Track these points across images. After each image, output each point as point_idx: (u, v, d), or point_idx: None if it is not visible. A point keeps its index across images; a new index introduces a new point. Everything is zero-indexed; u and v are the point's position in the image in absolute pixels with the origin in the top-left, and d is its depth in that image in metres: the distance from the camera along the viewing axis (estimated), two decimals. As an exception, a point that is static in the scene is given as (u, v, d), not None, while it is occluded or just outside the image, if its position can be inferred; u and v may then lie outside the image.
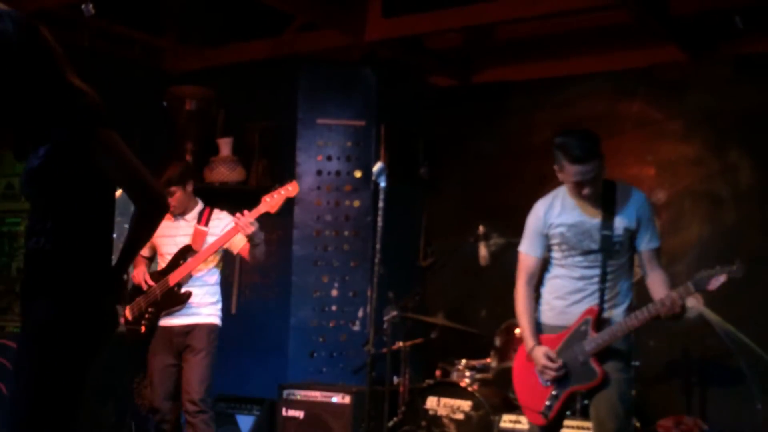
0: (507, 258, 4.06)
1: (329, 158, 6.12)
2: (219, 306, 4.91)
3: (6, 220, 6.13)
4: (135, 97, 5.77)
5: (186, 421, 4.71)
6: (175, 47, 6.40)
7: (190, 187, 4.89)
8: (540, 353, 3.71)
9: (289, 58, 6.14)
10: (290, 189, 4.70)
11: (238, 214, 4.59)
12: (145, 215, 2.73)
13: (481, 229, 5.45)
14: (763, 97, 5.46)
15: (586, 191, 3.64)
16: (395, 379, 5.46)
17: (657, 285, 3.70)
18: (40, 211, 2.65)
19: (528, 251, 3.86)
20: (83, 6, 4.54)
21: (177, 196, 4.82)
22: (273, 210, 4.68)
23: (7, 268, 6.43)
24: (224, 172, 6.02)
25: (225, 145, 6.23)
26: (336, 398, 5.44)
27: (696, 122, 5.75)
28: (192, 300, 4.77)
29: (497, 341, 5.27)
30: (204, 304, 4.83)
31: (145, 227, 2.76)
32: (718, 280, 3.48)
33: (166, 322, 4.82)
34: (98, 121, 2.64)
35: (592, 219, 3.70)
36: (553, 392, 3.71)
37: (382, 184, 3.87)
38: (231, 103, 6.38)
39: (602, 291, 3.68)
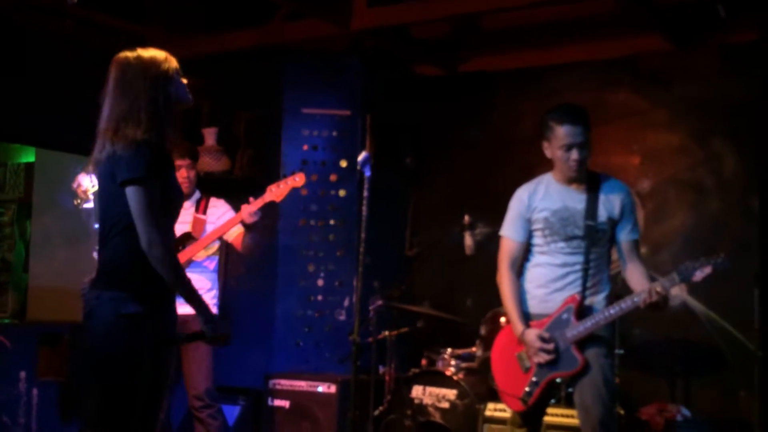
0: (492, 247, 4.05)
1: (315, 148, 6.11)
2: (214, 293, 4.92)
3: (-10, 210, 6.06)
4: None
5: (194, 416, 4.71)
6: (160, 36, 6.33)
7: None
8: (533, 335, 3.68)
9: (274, 48, 6.11)
10: (297, 180, 4.69)
11: (244, 205, 4.56)
12: None
13: (466, 218, 5.43)
14: (748, 87, 5.47)
15: (575, 155, 3.63)
16: (381, 369, 5.47)
17: (637, 276, 3.71)
18: None
19: (511, 235, 3.86)
20: (66, -6, 4.51)
21: (194, 172, 4.82)
22: (278, 199, 4.67)
23: (-9, 258, 6.34)
24: (209, 162, 6.00)
25: (210, 135, 6.20)
26: (322, 388, 5.45)
27: (681, 112, 5.76)
28: None
29: (482, 330, 5.28)
30: (202, 290, 4.82)
31: None
32: (703, 272, 3.49)
33: None
34: None
35: (577, 205, 3.71)
36: (533, 378, 3.71)
37: (368, 173, 3.86)
38: (216, 93, 6.36)
39: (584, 279, 3.69)
